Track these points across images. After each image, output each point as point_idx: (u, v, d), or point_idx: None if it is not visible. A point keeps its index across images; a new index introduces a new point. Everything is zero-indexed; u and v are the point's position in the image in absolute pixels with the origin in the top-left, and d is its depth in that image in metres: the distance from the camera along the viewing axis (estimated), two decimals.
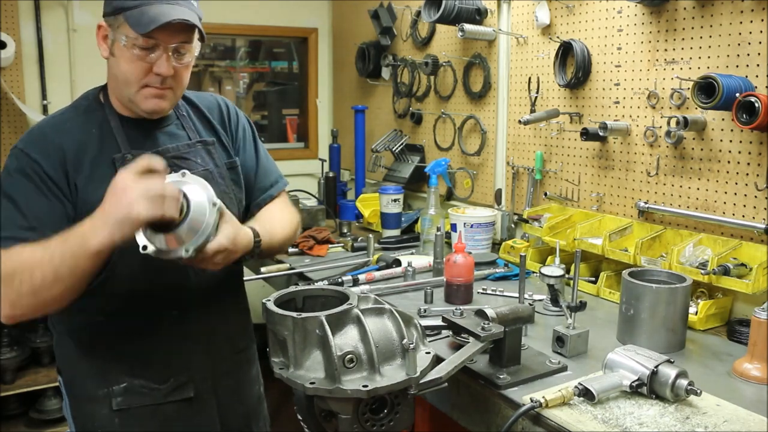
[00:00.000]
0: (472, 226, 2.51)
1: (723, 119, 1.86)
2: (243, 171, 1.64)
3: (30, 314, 1.29)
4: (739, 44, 1.81)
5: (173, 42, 1.39)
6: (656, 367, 1.26)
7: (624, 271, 1.67)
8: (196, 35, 1.44)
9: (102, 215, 1.20)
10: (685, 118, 1.88)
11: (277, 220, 1.63)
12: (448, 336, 1.62)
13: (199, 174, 1.45)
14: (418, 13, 3.18)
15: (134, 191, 1.17)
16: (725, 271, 1.71)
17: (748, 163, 1.81)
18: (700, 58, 1.92)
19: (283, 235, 1.61)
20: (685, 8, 1.96)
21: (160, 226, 1.24)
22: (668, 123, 2.02)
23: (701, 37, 1.91)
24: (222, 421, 1.60)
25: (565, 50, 2.34)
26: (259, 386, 1.75)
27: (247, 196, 1.66)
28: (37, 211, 1.34)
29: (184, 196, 1.25)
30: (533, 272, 2.17)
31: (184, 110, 1.59)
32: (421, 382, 1.19)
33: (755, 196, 1.81)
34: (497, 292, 2.05)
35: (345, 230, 2.97)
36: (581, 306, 1.58)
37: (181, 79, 1.46)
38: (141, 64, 1.38)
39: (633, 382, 1.27)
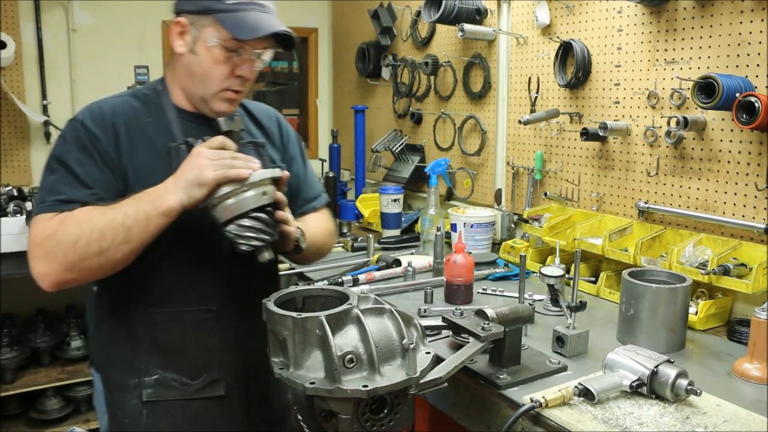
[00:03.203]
0: (472, 226, 2.51)
1: (723, 119, 1.86)
2: (290, 180, 1.68)
3: (82, 279, 1.33)
4: (739, 44, 1.81)
5: (260, 48, 1.45)
6: (656, 367, 1.26)
7: (624, 271, 1.67)
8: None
9: (174, 179, 1.31)
10: (685, 118, 1.88)
11: (319, 227, 1.71)
12: (448, 336, 1.62)
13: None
14: (418, 13, 3.18)
15: (205, 157, 1.30)
16: (725, 271, 1.72)
17: (748, 163, 1.81)
18: (700, 58, 1.92)
19: (323, 241, 1.71)
20: (685, 8, 1.96)
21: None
22: (668, 123, 2.02)
23: (701, 37, 1.91)
24: (249, 423, 1.58)
25: (565, 50, 2.34)
26: (288, 394, 1.73)
27: (292, 204, 1.64)
28: (92, 176, 1.38)
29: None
30: (533, 272, 2.17)
31: (238, 112, 1.62)
32: (421, 382, 1.19)
33: (755, 196, 1.81)
34: (497, 292, 2.05)
35: (345, 230, 2.97)
36: (581, 306, 1.58)
37: (250, 83, 1.52)
38: (226, 65, 1.43)
39: (633, 382, 1.27)
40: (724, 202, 1.89)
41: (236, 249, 1.35)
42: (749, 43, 1.78)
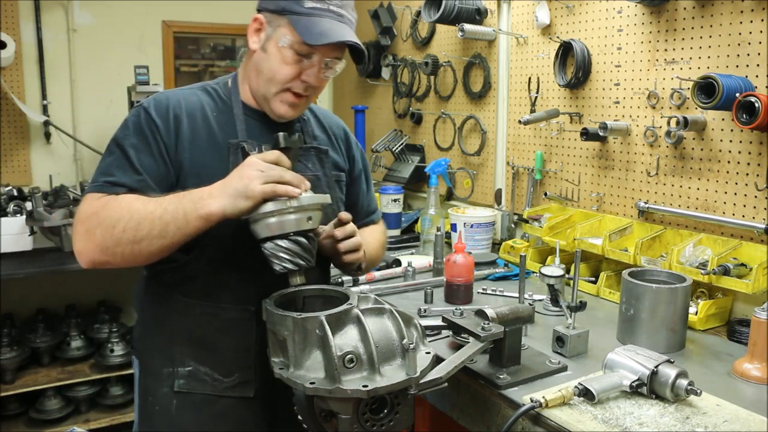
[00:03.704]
0: (472, 226, 2.51)
1: (723, 119, 1.86)
2: (353, 192, 1.72)
3: (115, 263, 1.32)
4: (739, 44, 1.81)
5: (330, 56, 1.43)
6: (656, 367, 1.26)
7: (624, 271, 1.67)
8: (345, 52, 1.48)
9: (221, 185, 1.29)
10: (685, 118, 1.88)
11: (376, 240, 1.73)
12: (448, 336, 1.62)
13: (307, 179, 1.46)
14: (418, 13, 3.18)
15: (257, 169, 1.28)
16: (725, 271, 1.72)
17: (748, 163, 1.81)
18: (700, 58, 1.92)
19: (377, 255, 1.74)
20: (685, 8, 1.96)
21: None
22: (668, 123, 2.02)
23: (701, 37, 1.91)
24: (275, 428, 1.56)
25: (565, 50, 2.34)
26: None
27: (354, 215, 1.62)
28: (144, 163, 1.38)
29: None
30: (533, 272, 2.17)
31: (306, 115, 1.63)
32: (421, 382, 1.19)
33: (755, 196, 1.81)
34: (497, 292, 2.05)
35: None
36: (581, 306, 1.58)
37: (319, 91, 1.51)
38: (293, 68, 1.42)
39: (633, 382, 1.27)
40: (724, 202, 1.89)
41: (269, 266, 1.33)
42: (749, 43, 1.78)
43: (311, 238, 1.35)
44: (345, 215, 1.46)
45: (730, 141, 1.85)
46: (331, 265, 1.64)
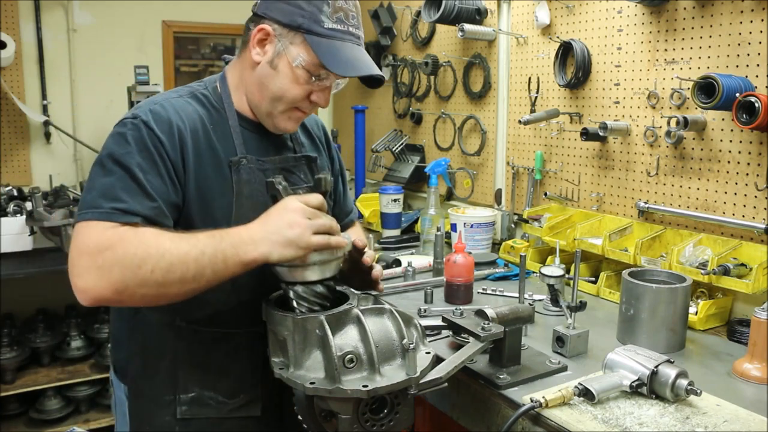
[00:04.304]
0: (472, 226, 2.51)
1: (723, 119, 1.86)
2: (334, 193, 1.67)
3: (129, 304, 1.22)
4: (739, 44, 1.81)
5: (341, 78, 1.38)
6: (656, 367, 1.26)
7: (624, 271, 1.67)
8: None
9: (263, 229, 1.20)
10: (685, 118, 1.88)
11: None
12: (448, 336, 1.62)
13: (301, 190, 1.44)
14: (418, 13, 3.18)
15: (306, 217, 1.21)
16: (725, 271, 1.71)
17: (748, 163, 1.81)
18: (700, 58, 1.92)
19: None
20: (685, 8, 1.96)
21: None
22: (668, 123, 2.02)
23: (701, 37, 1.91)
24: None
25: (565, 50, 2.34)
26: None
27: (334, 216, 1.59)
28: (156, 187, 1.24)
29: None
30: (533, 272, 2.17)
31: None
32: (421, 382, 1.19)
33: (755, 196, 1.81)
34: (497, 292, 2.05)
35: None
36: (581, 306, 1.58)
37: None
38: (303, 88, 1.35)
39: (633, 382, 1.27)
40: (724, 202, 1.89)
41: (290, 304, 1.28)
42: (749, 43, 1.78)
43: (336, 278, 1.33)
44: (360, 243, 1.39)
45: (730, 141, 1.85)
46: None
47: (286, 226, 1.19)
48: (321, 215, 1.24)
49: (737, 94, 1.69)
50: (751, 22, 1.77)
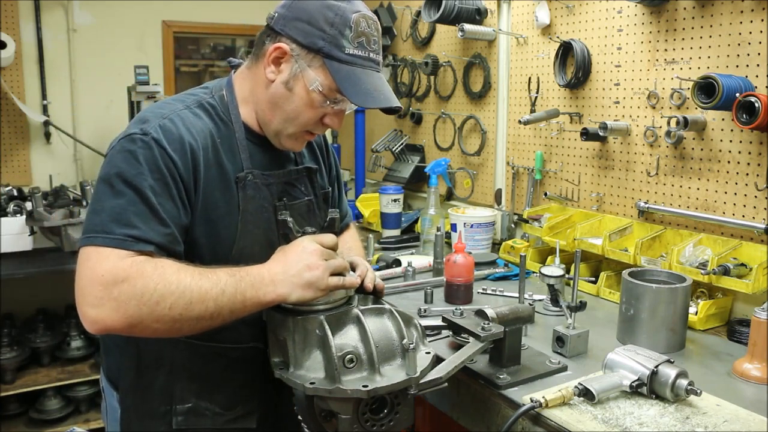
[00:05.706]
0: (472, 226, 2.51)
1: (723, 119, 1.86)
2: (331, 197, 1.66)
3: (139, 335, 1.18)
4: (739, 44, 1.81)
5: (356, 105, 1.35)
6: (656, 367, 1.26)
7: (624, 271, 1.67)
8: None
9: (282, 271, 1.21)
10: (685, 118, 1.88)
11: (359, 246, 1.72)
12: (448, 336, 1.62)
13: (302, 204, 1.46)
14: (418, 13, 3.18)
15: (324, 258, 1.23)
16: (725, 271, 1.71)
17: (748, 163, 1.81)
18: (700, 58, 1.92)
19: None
20: (685, 8, 1.96)
21: None
22: (668, 123, 2.02)
23: (701, 37, 1.91)
24: None
25: (565, 50, 2.34)
26: None
27: None
28: (169, 212, 1.20)
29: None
30: (533, 272, 2.17)
31: None
32: (421, 382, 1.19)
33: (755, 196, 1.81)
34: (497, 292, 2.05)
35: None
36: (581, 306, 1.58)
37: None
38: (317, 111, 1.33)
39: (633, 382, 1.27)
40: (724, 202, 1.89)
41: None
42: (749, 43, 1.78)
43: None
44: (369, 286, 1.39)
45: (730, 141, 1.85)
46: None
47: (305, 269, 1.21)
48: (335, 255, 1.27)
49: (737, 94, 1.69)
50: (751, 22, 1.77)
